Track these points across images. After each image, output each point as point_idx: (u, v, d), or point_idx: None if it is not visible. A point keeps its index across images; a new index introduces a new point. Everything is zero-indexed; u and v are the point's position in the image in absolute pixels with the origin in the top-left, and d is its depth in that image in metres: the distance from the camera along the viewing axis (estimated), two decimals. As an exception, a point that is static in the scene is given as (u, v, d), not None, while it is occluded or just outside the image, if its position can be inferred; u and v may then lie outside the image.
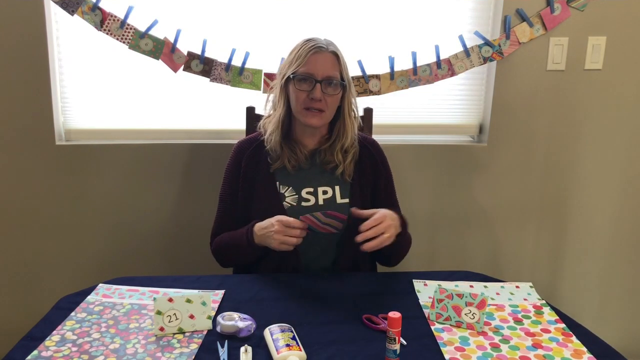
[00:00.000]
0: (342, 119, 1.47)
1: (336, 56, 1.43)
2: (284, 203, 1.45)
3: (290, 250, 1.35)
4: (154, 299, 1.15)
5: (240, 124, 1.78)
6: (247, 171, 1.50)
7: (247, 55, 1.87)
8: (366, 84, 1.93)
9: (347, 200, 1.48)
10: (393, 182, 1.58)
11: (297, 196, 1.46)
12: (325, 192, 1.47)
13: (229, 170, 1.54)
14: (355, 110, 1.51)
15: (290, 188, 1.47)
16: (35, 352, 1.06)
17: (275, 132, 1.47)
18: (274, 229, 1.33)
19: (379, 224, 1.30)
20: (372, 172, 1.52)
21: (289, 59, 1.45)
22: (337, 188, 1.48)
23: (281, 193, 1.46)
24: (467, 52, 1.94)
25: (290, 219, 1.34)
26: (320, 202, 1.46)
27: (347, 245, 1.47)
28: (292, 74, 1.41)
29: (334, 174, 1.48)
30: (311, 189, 1.47)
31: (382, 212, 1.33)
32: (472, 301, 1.19)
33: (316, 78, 1.40)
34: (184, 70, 1.86)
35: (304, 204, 1.46)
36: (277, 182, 1.47)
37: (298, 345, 1.05)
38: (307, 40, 1.44)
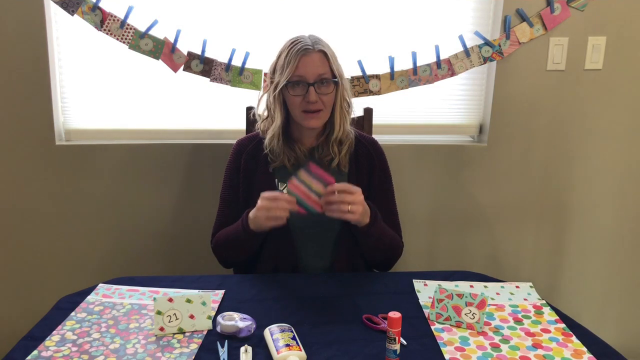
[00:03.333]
0: (333, 112, 1.47)
1: (324, 53, 1.41)
2: None
3: (281, 223, 1.33)
4: (154, 299, 1.15)
5: (240, 124, 1.78)
6: (246, 168, 1.51)
7: (247, 55, 1.87)
8: (366, 84, 1.93)
9: None
10: (391, 183, 1.58)
11: None
12: None
13: (229, 169, 1.55)
14: (347, 100, 1.50)
15: None
16: (35, 352, 1.06)
17: (275, 138, 1.47)
18: (259, 206, 1.34)
19: (348, 195, 1.30)
20: (367, 167, 1.52)
21: (279, 65, 1.43)
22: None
23: (280, 190, 1.47)
24: (467, 52, 1.94)
25: (275, 192, 1.34)
26: None
27: (344, 245, 1.47)
28: (284, 82, 1.41)
29: (330, 169, 1.49)
30: None
31: (358, 189, 1.33)
32: (472, 301, 1.19)
33: (308, 81, 1.39)
34: (184, 70, 1.86)
35: None
36: (276, 179, 1.49)
37: (298, 345, 1.05)
38: (293, 43, 1.42)
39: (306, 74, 1.39)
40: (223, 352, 1.07)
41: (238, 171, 1.52)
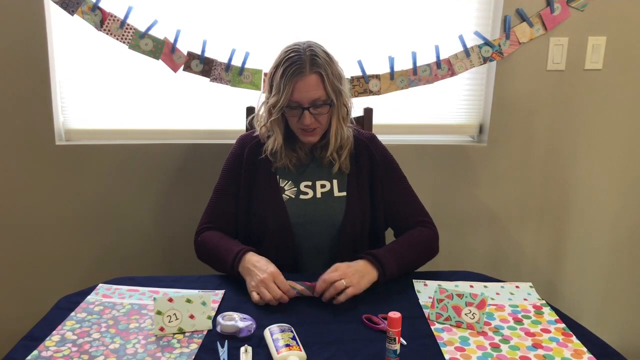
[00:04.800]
0: (329, 128, 1.46)
1: (319, 74, 1.39)
2: (283, 195, 1.47)
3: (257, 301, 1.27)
4: (154, 299, 1.15)
5: (240, 124, 1.78)
6: (248, 164, 1.51)
7: (247, 55, 1.87)
8: (366, 84, 1.93)
9: (344, 193, 1.49)
10: (400, 170, 1.56)
11: (296, 189, 1.48)
12: (323, 186, 1.49)
13: (230, 160, 1.54)
14: (346, 107, 1.48)
15: (290, 182, 1.49)
16: (35, 352, 1.06)
17: (277, 150, 1.48)
18: (263, 277, 1.26)
19: (332, 276, 1.25)
20: (368, 164, 1.52)
21: (275, 81, 1.41)
22: (335, 182, 1.50)
23: (281, 187, 1.48)
24: (467, 52, 1.94)
25: (285, 284, 1.27)
26: (318, 195, 1.49)
27: (344, 240, 1.47)
28: (280, 107, 1.40)
29: (332, 168, 1.49)
30: (309, 183, 1.49)
31: (332, 268, 1.28)
32: (472, 301, 1.19)
33: (303, 106, 1.39)
34: (184, 70, 1.86)
35: (302, 196, 1.48)
36: (278, 176, 1.49)
37: (298, 345, 1.05)
38: (289, 59, 1.38)
39: (301, 100, 1.39)
40: (223, 352, 1.07)
41: (241, 162, 1.52)
